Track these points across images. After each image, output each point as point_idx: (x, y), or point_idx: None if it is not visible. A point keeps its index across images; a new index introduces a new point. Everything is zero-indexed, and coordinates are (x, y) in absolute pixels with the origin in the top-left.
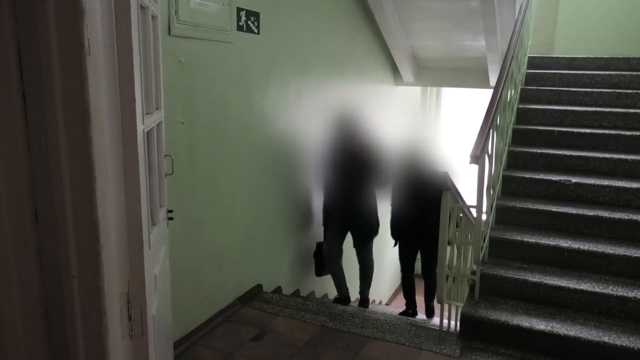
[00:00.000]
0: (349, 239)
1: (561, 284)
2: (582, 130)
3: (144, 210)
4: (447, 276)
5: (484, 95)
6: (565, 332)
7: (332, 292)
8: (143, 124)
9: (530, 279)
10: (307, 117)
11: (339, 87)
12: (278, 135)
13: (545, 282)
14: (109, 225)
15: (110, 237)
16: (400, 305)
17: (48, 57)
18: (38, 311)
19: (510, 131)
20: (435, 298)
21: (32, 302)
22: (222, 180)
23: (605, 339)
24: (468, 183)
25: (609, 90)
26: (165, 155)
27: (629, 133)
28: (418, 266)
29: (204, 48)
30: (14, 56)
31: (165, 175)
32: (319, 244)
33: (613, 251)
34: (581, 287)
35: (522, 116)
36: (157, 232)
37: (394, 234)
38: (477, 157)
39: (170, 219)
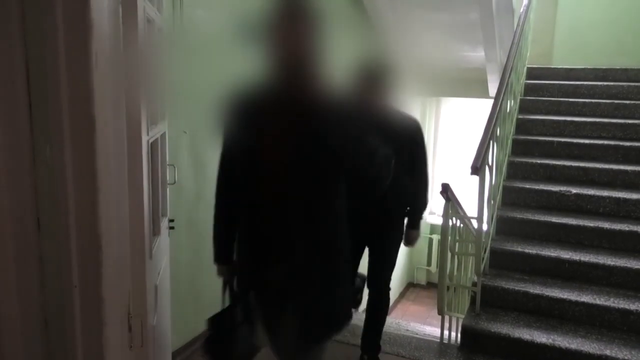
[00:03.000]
0: None
1: (562, 296)
2: (582, 141)
3: (146, 221)
4: (448, 287)
5: (483, 106)
6: (567, 345)
7: None
8: (147, 135)
9: (532, 290)
10: None
11: None
12: None
13: (547, 294)
14: (112, 236)
15: (112, 247)
16: (399, 315)
17: (55, 69)
18: (39, 320)
19: (510, 142)
20: (436, 309)
21: (32, 311)
22: None
23: (607, 352)
24: (466, 193)
25: (608, 101)
26: (168, 165)
27: (627, 144)
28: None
29: None
30: (21, 67)
31: (168, 184)
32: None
33: (614, 263)
34: (582, 300)
35: (522, 126)
36: (158, 243)
37: None
38: (477, 168)
39: (172, 228)
